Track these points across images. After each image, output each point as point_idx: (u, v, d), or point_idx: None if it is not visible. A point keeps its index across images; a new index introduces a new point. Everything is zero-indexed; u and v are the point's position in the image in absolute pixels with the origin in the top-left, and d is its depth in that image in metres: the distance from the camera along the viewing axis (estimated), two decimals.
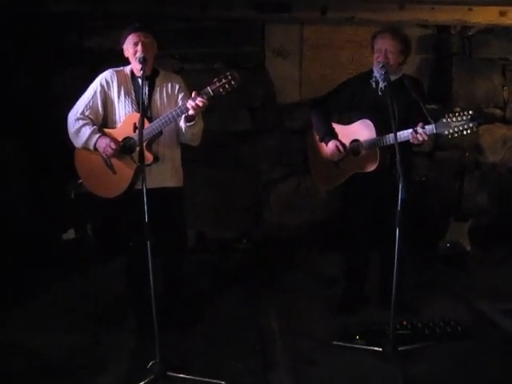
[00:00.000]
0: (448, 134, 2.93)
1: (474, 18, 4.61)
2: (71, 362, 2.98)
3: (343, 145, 3.35)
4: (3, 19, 4.19)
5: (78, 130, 3.02)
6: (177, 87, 3.16)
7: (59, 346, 3.14)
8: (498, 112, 5.31)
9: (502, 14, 4.54)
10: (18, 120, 4.36)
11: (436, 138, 5.03)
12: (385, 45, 3.18)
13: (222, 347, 3.14)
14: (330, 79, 4.85)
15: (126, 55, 3.06)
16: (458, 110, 2.94)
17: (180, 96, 3.15)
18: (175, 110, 2.90)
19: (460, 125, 2.88)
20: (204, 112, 2.95)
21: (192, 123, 2.98)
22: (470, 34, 5.09)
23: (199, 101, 2.79)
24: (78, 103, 3.11)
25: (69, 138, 3.11)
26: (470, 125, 2.87)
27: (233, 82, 2.78)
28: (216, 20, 4.78)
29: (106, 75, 3.11)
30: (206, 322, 3.47)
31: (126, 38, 3.02)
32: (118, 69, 3.15)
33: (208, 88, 2.80)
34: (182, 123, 3.04)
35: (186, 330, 3.32)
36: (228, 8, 4.44)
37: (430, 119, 2.97)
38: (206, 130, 3.22)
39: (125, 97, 3.07)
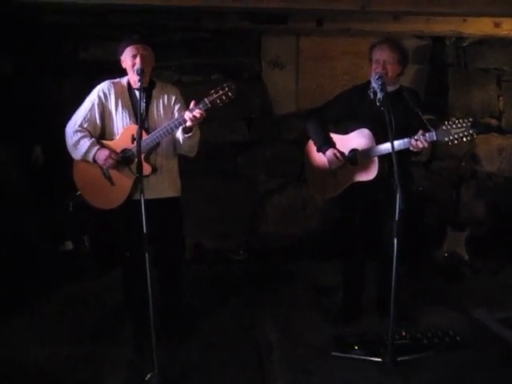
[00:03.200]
0: (448, 141, 2.94)
1: (468, 28, 4.64)
2: (68, 373, 2.96)
3: (341, 152, 3.36)
4: (2, 30, 4.20)
5: (77, 142, 3.03)
6: (173, 98, 3.17)
7: (56, 357, 3.12)
8: (493, 122, 5.34)
9: (496, 25, 4.57)
10: (17, 131, 4.35)
11: (433, 147, 5.06)
12: (383, 56, 3.21)
13: (220, 358, 3.13)
14: (326, 90, 4.88)
15: (124, 67, 3.07)
16: (453, 119, 2.96)
17: (176, 107, 3.16)
18: (173, 122, 2.92)
19: (460, 131, 2.90)
20: (201, 123, 2.96)
21: (190, 134, 2.99)
22: (464, 44, 5.14)
23: (197, 112, 2.81)
24: (75, 115, 3.11)
25: (67, 150, 3.12)
26: (470, 131, 2.89)
27: (230, 94, 2.80)
28: (212, 31, 4.80)
29: (104, 87, 3.11)
30: (203, 333, 3.45)
31: (124, 49, 3.02)
32: (115, 80, 3.16)
33: (205, 99, 2.82)
34: (179, 134, 3.05)
35: (183, 340, 3.30)
36: (223, 19, 4.45)
37: (429, 127, 2.99)
38: (203, 140, 3.23)
39: (122, 108, 3.08)
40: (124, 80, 3.16)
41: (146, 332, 2.81)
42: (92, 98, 3.10)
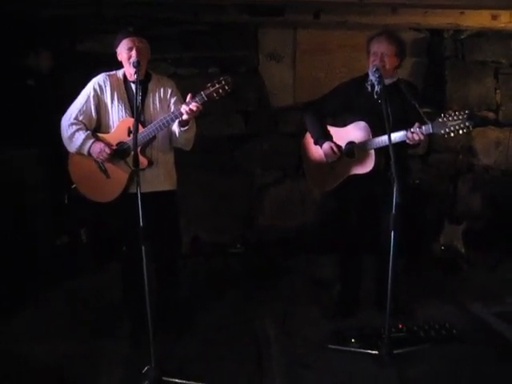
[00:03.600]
0: (444, 134, 2.92)
1: (466, 21, 4.62)
2: (65, 368, 2.97)
3: (338, 146, 3.36)
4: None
5: (72, 135, 3.02)
6: (169, 91, 3.16)
7: (53, 352, 3.12)
8: (490, 115, 5.34)
9: (494, 17, 4.56)
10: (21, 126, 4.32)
11: (430, 140, 5.05)
12: (381, 48, 3.19)
13: (217, 352, 3.13)
14: (323, 83, 4.86)
15: (120, 59, 3.06)
16: (450, 112, 2.95)
17: (172, 100, 3.14)
18: (169, 115, 2.90)
19: (456, 124, 2.88)
20: (197, 116, 2.94)
21: (186, 128, 2.98)
22: (462, 37, 5.12)
23: (193, 105, 2.79)
24: (70, 108, 3.10)
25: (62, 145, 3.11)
26: (467, 123, 2.87)
27: (226, 87, 2.79)
28: (209, 24, 4.77)
29: (99, 79, 3.10)
30: (201, 327, 3.46)
31: (120, 42, 3.01)
32: (111, 73, 3.14)
33: (202, 93, 2.81)
34: (175, 128, 3.03)
35: (180, 334, 3.31)
36: (221, 12, 4.43)
37: (426, 120, 2.99)
38: (200, 134, 3.22)
39: (118, 101, 3.06)
40: (120, 72, 3.14)
41: (143, 327, 2.81)
42: (87, 91, 3.09)
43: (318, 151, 3.50)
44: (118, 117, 3.06)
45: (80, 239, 4.42)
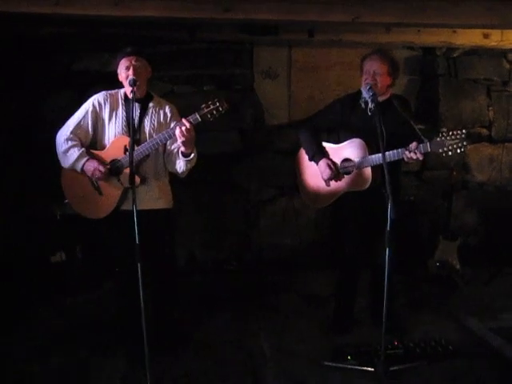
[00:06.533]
0: (443, 152, 2.96)
1: (458, 39, 4.68)
2: None
3: (334, 163, 3.38)
4: None
5: (67, 151, 3.04)
6: (169, 116, 3.18)
7: (48, 371, 3.10)
8: (484, 132, 5.39)
9: (486, 36, 4.62)
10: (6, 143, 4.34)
11: (424, 157, 5.07)
12: (373, 67, 3.24)
13: (214, 369, 3.12)
14: (318, 100, 4.90)
15: (120, 79, 3.10)
16: (444, 130, 2.98)
17: (172, 125, 3.15)
18: (163, 134, 2.94)
19: (454, 143, 2.92)
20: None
21: (190, 158, 3.01)
22: (455, 55, 5.18)
23: (184, 123, 2.81)
24: (68, 122, 3.13)
25: (56, 161, 3.12)
26: (464, 143, 2.91)
27: (220, 109, 2.82)
28: (205, 42, 4.82)
29: (99, 97, 3.14)
30: (197, 344, 3.44)
31: (118, 62, 3.07)
32: (112, 91, 3.18)
33: (196, 114, 2.84)
34: (180, 159, 3.05)
35: (176, 353, 3.29)
36: (216, 31, 4.47)
37: (423, 138, 3.01)
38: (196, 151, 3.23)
39: (116, 119, 3.09)
40: (121, 91, 3.18)
41: (139, 345, 2.80)
42: (86, 106, 3.13)
43: (312, 167, 3.52)
44: (114, 134, 3.08)
45: (76, 256, 4.41)
